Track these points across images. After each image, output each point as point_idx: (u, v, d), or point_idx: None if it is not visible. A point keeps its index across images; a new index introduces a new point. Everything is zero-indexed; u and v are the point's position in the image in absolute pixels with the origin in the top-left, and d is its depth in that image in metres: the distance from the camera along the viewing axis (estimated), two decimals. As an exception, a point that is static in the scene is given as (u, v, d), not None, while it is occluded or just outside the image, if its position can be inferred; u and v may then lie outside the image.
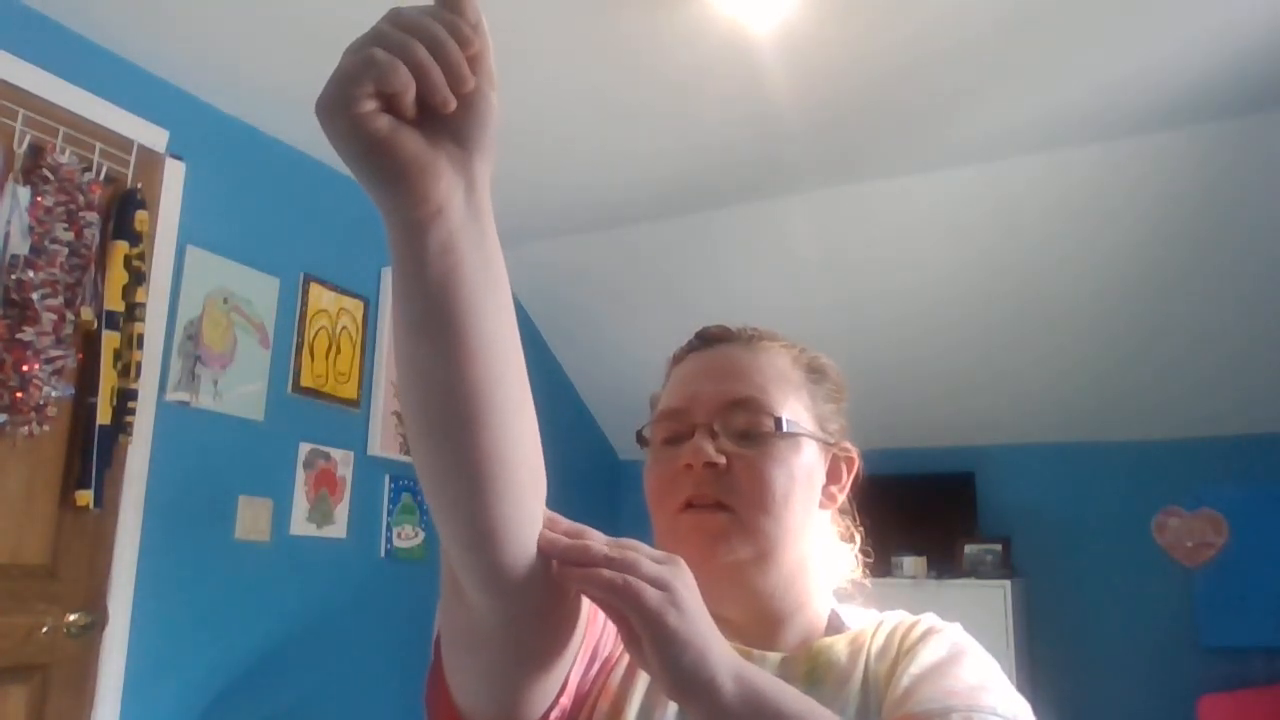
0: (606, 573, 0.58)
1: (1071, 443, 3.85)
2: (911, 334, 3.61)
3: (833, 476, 0.81)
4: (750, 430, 0.75)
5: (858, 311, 3.60)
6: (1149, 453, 3.71)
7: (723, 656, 0.59)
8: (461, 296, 0.49)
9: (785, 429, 0.75)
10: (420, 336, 0.50)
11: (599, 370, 4.29)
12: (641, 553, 0.60)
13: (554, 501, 0.61)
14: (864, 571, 0.87)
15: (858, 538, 0.87)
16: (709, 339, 0.83)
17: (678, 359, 0.85)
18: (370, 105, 0.44)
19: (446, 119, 0.46)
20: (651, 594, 0.57)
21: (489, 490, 0.53)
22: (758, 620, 0.76)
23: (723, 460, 0.74)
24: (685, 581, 0.60)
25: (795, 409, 0.78)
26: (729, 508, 0.73)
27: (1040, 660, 3.69)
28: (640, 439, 0.82)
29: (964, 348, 3.59)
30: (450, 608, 0.63)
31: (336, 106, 0.44)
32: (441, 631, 0.65)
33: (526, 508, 0.56)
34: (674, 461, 0.76)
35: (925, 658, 0.70)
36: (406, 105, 0.45)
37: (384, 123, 0.44)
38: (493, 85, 0.47)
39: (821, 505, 0.80)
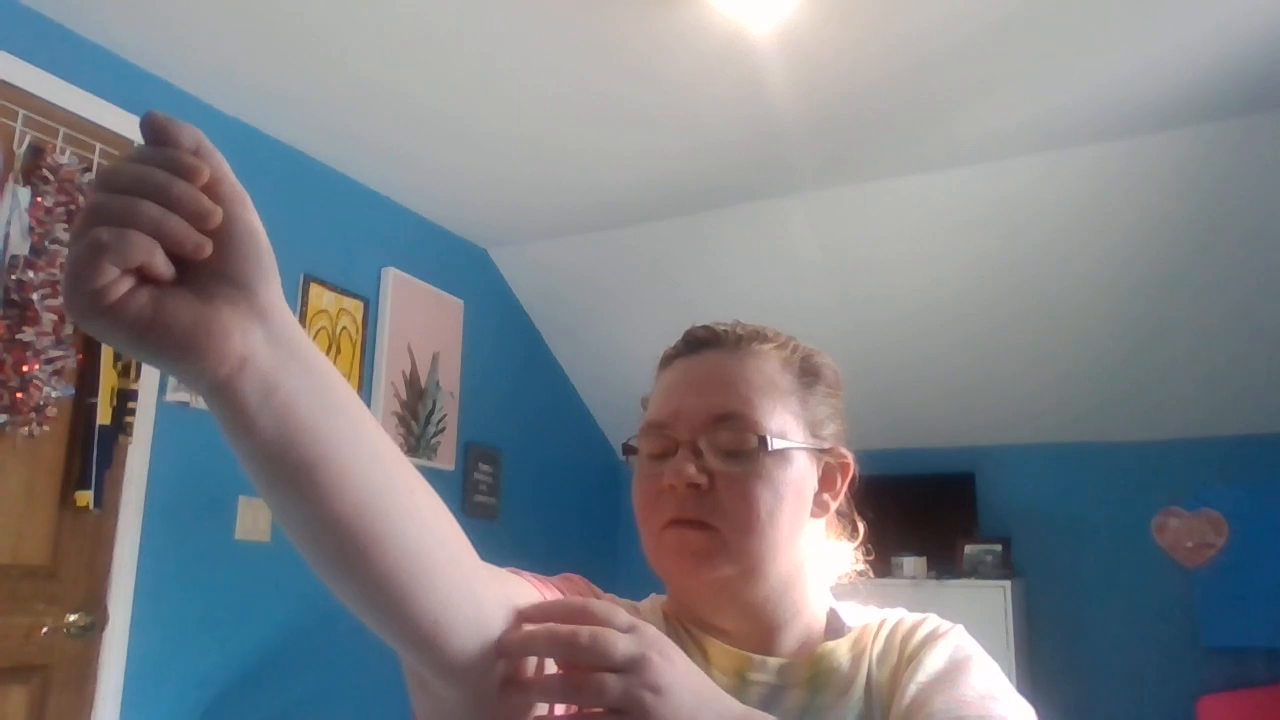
0: (560, 708, 0.55)
1: (1071, 443, 3.85)
2: (911, 334, 3.61)
3: (825, 484, 0.78)
4: (735, 448, 0.72)
5: (858, 311, 3.60)
6: (1149, 453, 3.71)
7: None
8: (305, 434, 0.45)
9: (772, 446, 0.72)
10: (281, 488, 0.46)
11: (599, 370, 4.28)
12: (611, 633, 0.55)
13: (554, 502, 0.60)
14: (866, 568, 0.86)
15: (860, 531, 0.85)
16: (695, 343, 0.79)
17: (665, 362, 0.82)
18: (120, 290, 0.39)
19: (209, 261, 0.41)
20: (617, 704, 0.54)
21: (414, 596, 0.50)
22: (753, 629, 0.75)
23: (704, 480, 0.71)
24: (655, 671, 0.55)
25: (784, 419, 0.74)
26: (713, 527, 0.71)
27: (1040, 660, 3.69)
28: (627, 449, 0.79)
29: (964, 348, 3.59)
30: (420, 700, 0.60)
31: (84, 308, 0.39)
32: None
33: (461, 589, 0.53)
34: (658, 479, 0.73)
35: (931, 665, 0.69)
36: (160, 268, 0.40)
37: (143, 299, 0.40)
38: (244, 204, 0.42)
39: (814, 514, 0.77)
